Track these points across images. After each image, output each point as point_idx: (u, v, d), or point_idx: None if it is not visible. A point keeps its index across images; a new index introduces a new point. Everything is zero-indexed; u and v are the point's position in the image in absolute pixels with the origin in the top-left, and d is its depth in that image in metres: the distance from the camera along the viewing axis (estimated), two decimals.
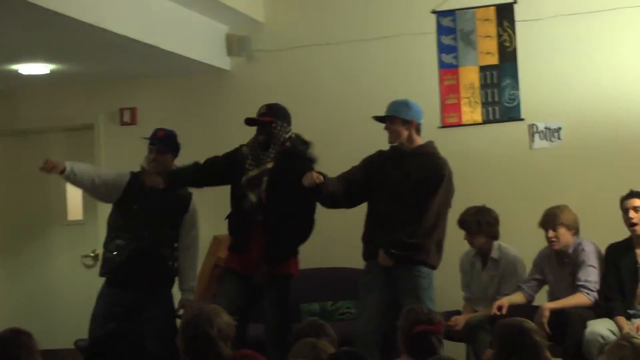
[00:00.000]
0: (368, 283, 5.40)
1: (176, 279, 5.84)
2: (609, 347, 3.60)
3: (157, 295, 5.70)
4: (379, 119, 5.50)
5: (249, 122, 5.57)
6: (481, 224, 5.99)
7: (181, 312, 5.71)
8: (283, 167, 5.43)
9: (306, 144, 5.57)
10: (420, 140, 5.45)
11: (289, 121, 5.57)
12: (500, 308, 5.60)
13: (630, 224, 5.66)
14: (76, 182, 5.73)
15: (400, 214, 5.28)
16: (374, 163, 5.53)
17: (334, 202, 5.49)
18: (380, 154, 5.57)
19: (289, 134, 5.54)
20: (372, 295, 5.35)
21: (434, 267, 5.38)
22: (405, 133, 5.41)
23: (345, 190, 5.44)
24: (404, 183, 5.32)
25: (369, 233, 5.47)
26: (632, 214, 5.63)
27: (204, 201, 6.04)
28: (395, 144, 5.48)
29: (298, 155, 5.50)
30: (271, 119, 5.50)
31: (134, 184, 5.77)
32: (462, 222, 6.02)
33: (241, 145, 5.62)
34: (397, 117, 5.40)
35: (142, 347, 3.44)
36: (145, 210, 5.67)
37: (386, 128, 5.45)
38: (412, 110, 5.44)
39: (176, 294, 5.88)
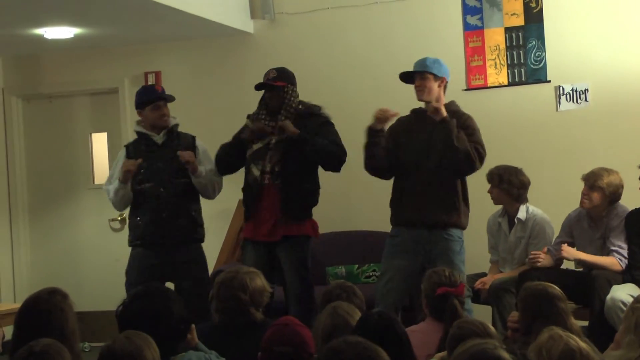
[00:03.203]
0: (393, 247, 5.39)
1: (205, 233, 5.81)
2: (625, 312, 3.58)
3: (188, 254, 5.68)
4: (406, 75, 5.42)
5: (260, 87, 5.54)
6: (502, 179, 5.97)
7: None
8: (300, 127, 5.43)
9: (317, 106, 5.58)
10: (444, 100, 5.40)
11: (296, 85, 5.56)
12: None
13: None
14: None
15: (431, 181, 5.25)
16: (398, 130, 5.47)
17: (381, 167, 5.44)
18: (400, 120, 5.49)
19: (298, 97, 5.53)
20: (395, 259, 5.34)
21: (464, 228, 5.37)
22: (436, 90, 5.35)
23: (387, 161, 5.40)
24: (430, 148, 5.29)
25: (396, 200, 5.41)
26: None
27: None
28: (417, 107, 5.44)
29: (314, 114, 5.51)
30: (284, 83, 5.47)
31: (133, 151, 5.76)
32: (489, 172, 6.01)
33: (248, 116, 5.61)
34: (430, 73, 5.33)
35: (169, 309, 3.44)
36: (153, 169, 5.66)
37: (417, 84, 5.36)
38: (443, 67, 5.39)
39: (206, 249, 5.85)
